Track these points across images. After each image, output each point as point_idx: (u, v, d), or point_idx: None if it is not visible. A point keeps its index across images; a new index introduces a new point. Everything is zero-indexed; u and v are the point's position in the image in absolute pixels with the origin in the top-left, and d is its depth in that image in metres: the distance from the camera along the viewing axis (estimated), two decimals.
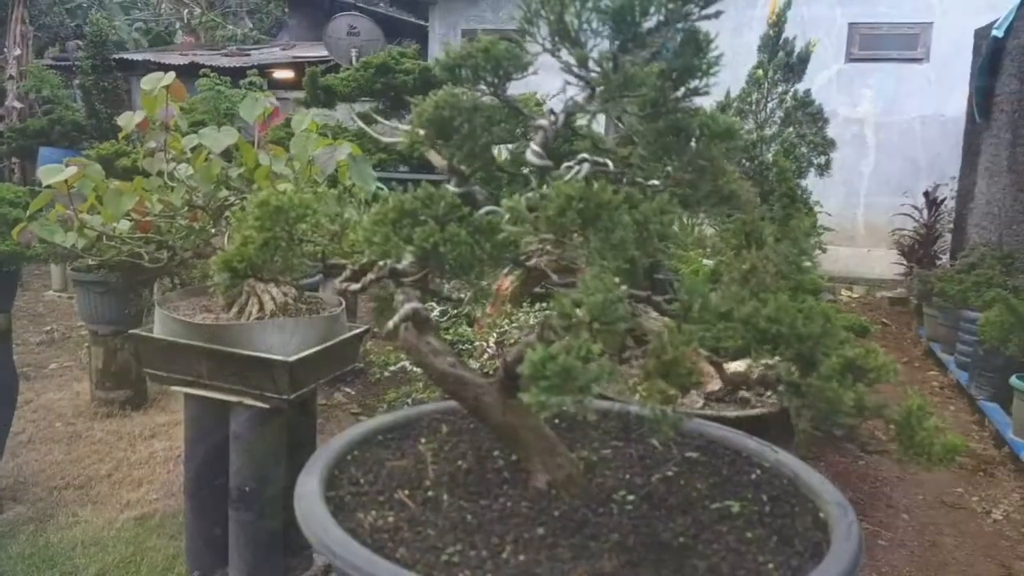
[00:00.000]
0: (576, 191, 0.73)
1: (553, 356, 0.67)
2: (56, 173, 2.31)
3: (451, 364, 0.92)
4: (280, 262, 1.01)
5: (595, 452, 1.03)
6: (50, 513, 3.13)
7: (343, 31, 9.73)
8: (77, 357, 5.12)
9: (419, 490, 0.89)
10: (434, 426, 1.08)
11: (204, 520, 2.60)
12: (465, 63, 0.87)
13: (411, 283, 0.93)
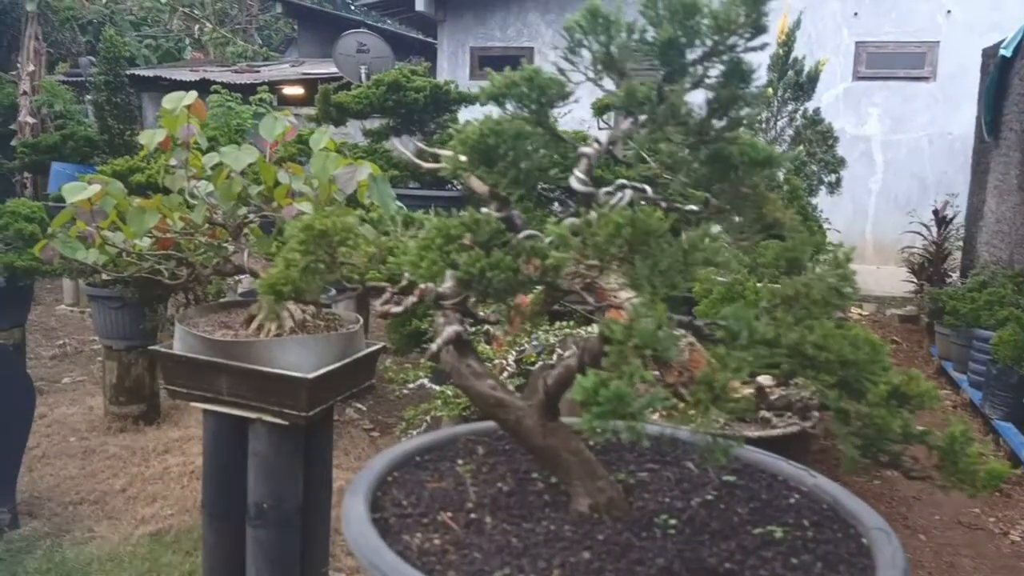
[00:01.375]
0: (624, 218, 0.74)
1: (605, 382, 0.68)
2: (79, 190, 2.34)
3: (491, 386, 0.93)
4: (320, 285, 1.03)
5: (631, 475, 1.03)
6: (66, 528, 3.14)
7: (352, 48, 9.81)
8: (90, 371, 5.14)
9: (462, 512, 0.90)
10: (470, 447, 1.09)
11: (221, 537, 2.60)
12: (510, 91, 0.89)
13: (451, 306, 0.94)
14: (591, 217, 0.80)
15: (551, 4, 9.60)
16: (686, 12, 0.75)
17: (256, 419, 2.43)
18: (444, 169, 0.92)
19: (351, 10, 16.81)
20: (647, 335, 0.68)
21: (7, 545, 2.98)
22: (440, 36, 10.16)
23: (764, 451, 1.06)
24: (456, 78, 9.02)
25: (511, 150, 0.85)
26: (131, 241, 2.65)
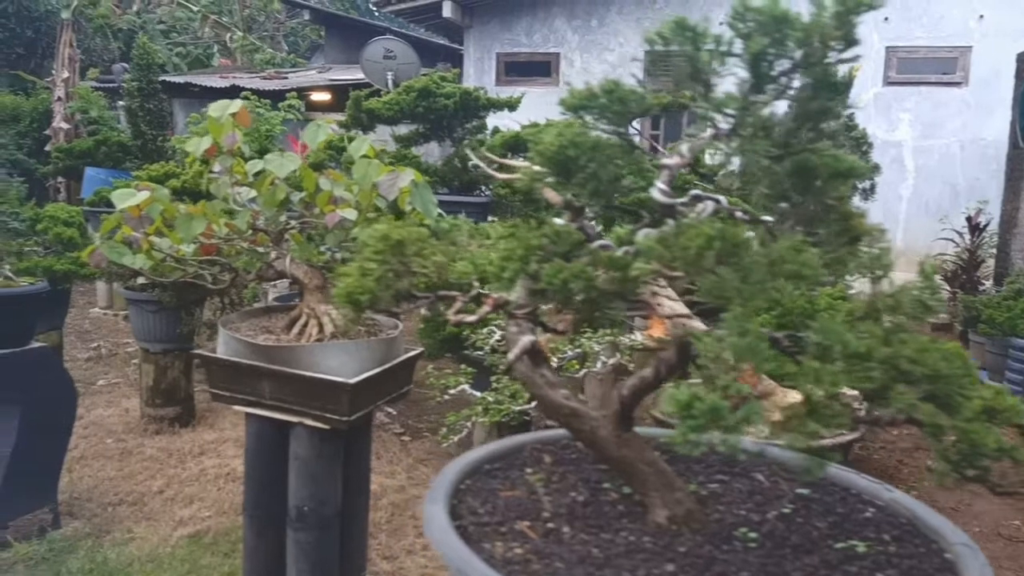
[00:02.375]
0: (715, 230, 0.74)
1: (700, 395, 0.68)
2: (128, 196, 2.38)
3: (565, 396, 0.93)
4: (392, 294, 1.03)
5: (702, 486, 1.03)
6: (106, 529, 3.18)
7: (379, 55, 9.89)
8: (124, 374, 5.21)
9: (539, 522, 0.90)
10: (536, 456, 1.09)
11: (263, 539, 2.62)
12: (592, 104, 0.89)
13: (523, 315, 0.95)
14: (676, 228, 0.80)
15: (577, 10, 9.61)
16: (777, 24, 0.75)
17: (298, 423, 2.45)
18: (520, 180, 0.92)
19: (375, 16, 16.97)
20: (743, 348, 0.68)
21: (50, 545, 3.02)
22: (466, 42, 10.21)
23: (837, 465, 1.05)
24: (482, 84, 9.06)
25: (591, 162, 0.86)
26: (175, 246, 2.69)
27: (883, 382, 0.73)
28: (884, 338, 0.74)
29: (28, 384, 2.96)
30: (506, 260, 0.83)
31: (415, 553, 3.17)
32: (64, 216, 4.52)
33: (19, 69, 12.33)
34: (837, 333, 0.73)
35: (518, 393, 2.22)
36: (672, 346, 0.89)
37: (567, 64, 9.78)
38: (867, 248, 0.83)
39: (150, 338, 4.19)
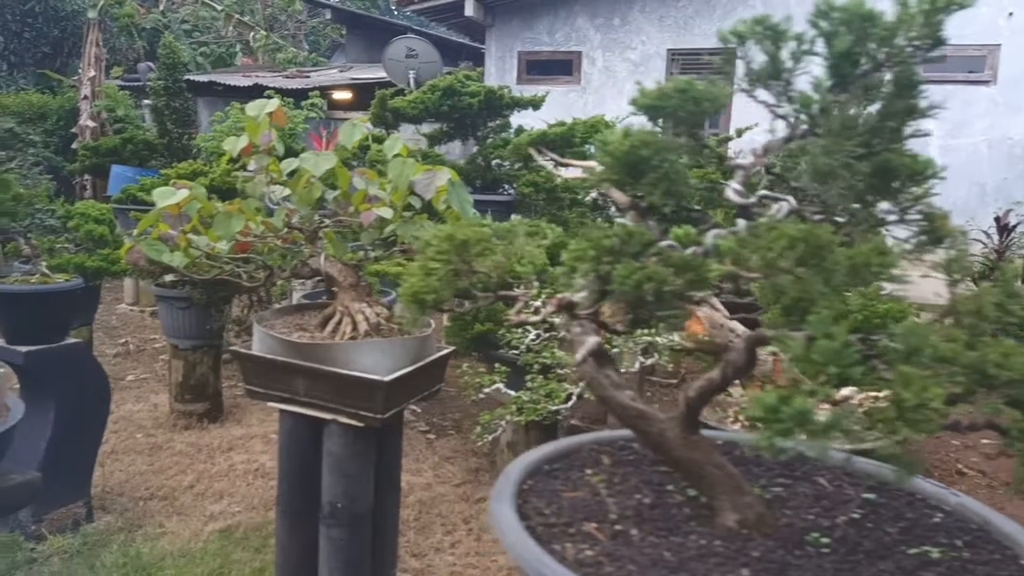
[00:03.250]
0: (799, 232, 0.73)
1: (787, 399, 0.67)
2: (169, 195, 2.39)
3: (631, 397, 0.93)
4: (451, 293, 1.03)
5: (765, 490, 1.02)
6: (137, 523, 3.21)
7: (402, 53, 9.91)
8: (152, 369, 5.27)
9: (605, 523, 0.90)
10: (594, 457, 1.08)
11: (295, 535, 2.64)
12: (666, 103, 0.89)
13: (586, 316, 0.94)
14: (754, 230, 0.79)
15: (600, 8, 9.58)
16: (862, 23, 0.74)
17: (331, 420, 2.46)
18: (588, 179, 0.92)
19: (394, 15, 17.01)
20: (829, 352, 0.67)
21: (84, 538, 3.06)
22: (488, 41, 10.21)
23: None
24: (504, 82, 9.05)
25: (664, 162, 0.85)
26: (211, 244, 2.71)
27: (967, 386, 0.72)
28: (968, 342, 0.73)
29: (64, 379, 2.99)
30: (577, 260, 0.83)
31: (443, 551, 3.17)
32: (95, 213, 4.57)
33: (45, 68, 12.49)
34: (923, 337, 0.71)
35: (554, 392, 2.22)
36: (741, 350, 0.89)
37: (589, 63, 9.75)
38: (947, 250, 0.82)
39: (179, 334, 4.22)
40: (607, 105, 9.02)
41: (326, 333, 2.56)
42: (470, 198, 2.50)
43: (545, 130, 4.64)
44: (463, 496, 3.65)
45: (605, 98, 9.49)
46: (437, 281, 0.96)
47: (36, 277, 3.06)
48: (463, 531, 3.33)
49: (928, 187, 0.84)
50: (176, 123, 7.98)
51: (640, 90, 0.91)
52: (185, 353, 4.25)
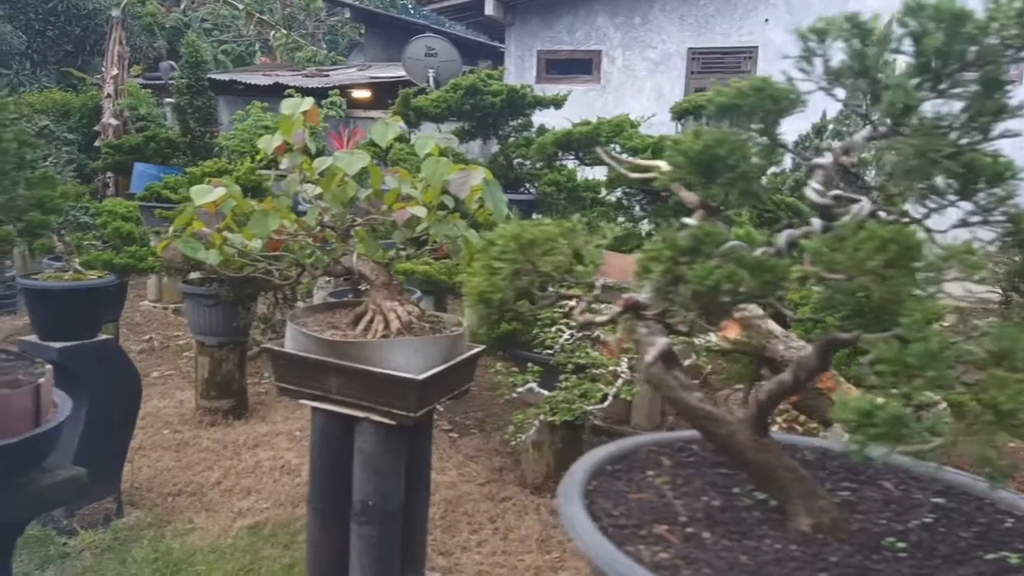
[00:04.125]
0: (889, 232, 0.72)
1: (881, 404, 0.66)
2: (206, 193, 2.41)
3: (700, 399, 0.92)
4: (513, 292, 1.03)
5: (832, 494, 1.01)
6: (167, 519, 3.23)
7: (421, 52, 9.92)
8: (177, 366, 5.30)
9: (676, 526, 0.89)
10: (654, 459, 1.08)
11: (326, 532, 2.65)
12: (743, 101, 0.88)
13: (652, 316, 0.93)
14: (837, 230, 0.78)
15: (620, 7, 9.55)
16: (953, 21, 0.73)
17: (364, 418, 2.46)
18: (658, 179, 0.91)
19: (413, 14, 17.04)
20: (927, 356, 0.66)
21: (114, 534, 3.08)
22: (507, 40, 10.21)
23: (967, 473, 1.02)
24: (523, 81, 9.05)
25: (740, 161, 0.84)
26: (245, 241, 2.72)
27: None
28: None
29: (96, 375, 3.02)
30: (652, 260, 0.82)
31: (470, 550, 3.17)
32: (122, 211, 4.61)
33: (67, 66, 12.61)
34: (1014, 337, 0.70)
35: (589, 392, 2.21)
36: (812, 352, 0.88)
37: (608, 62, 9.73)
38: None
39: (206, 331, 4.25)
40: (627, 104, 8.99)
41: (358, 331, 2.56)
42: (504, 197, 2.49)
43: (571, 129, 4.63)
44: (488, 495, 3.65)
45: (625, 97, 9.47)
46: (502, 280, 0.95)
47: (69, 274, 3.08)
48: (489, 530, 3.33)
49: (1013, 188, 0.83)
50: (199, 121, 8.04)
51: (715, 88, 0.90)
52: (211, 350, 4.27)
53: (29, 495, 1.51)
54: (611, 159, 1.36)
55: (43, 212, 1.50)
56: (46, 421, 1.50)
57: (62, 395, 1.61)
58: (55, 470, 1.59)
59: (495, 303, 0.95)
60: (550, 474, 3.70)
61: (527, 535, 3.27)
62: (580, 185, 5.20)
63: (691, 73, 9.39)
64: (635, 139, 4.41)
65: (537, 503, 3.55)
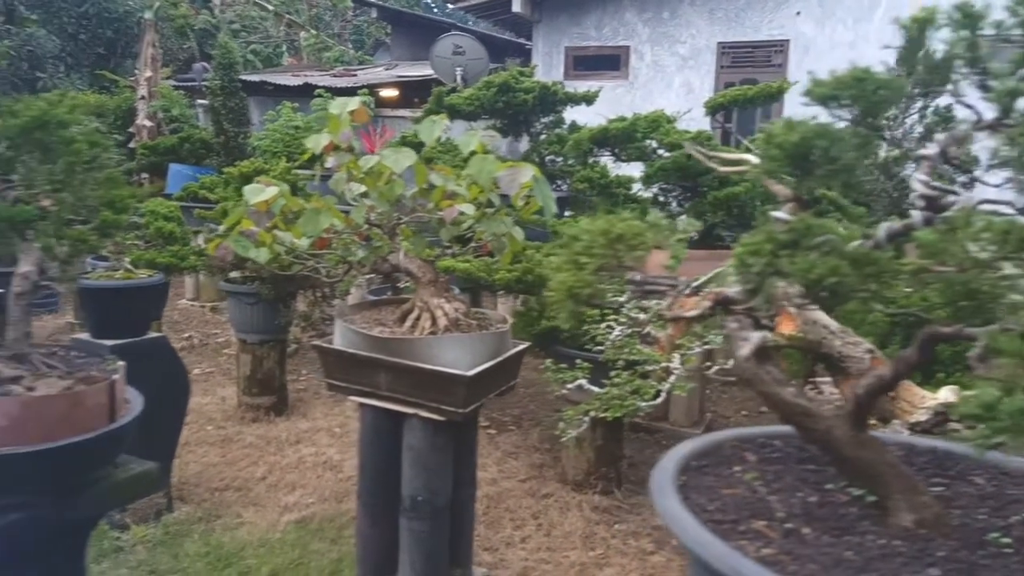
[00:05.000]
0: (1007, 224, 0.71)
1: (1003, 396, 0.65)
2: (259, 192, 2.44)
3: (794, 394, 0.91)
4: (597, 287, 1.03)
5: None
6: (216, 513, 3.28)
7: (449, 51, 9.95)
8: (217, 363, 5.38)
9: (775, 521, 0.89)
10: (738, 455, 1.07)
11: (376, 527, 2.67)
12: (844, 92, 0.87)
13: (743, 311, 0.93)
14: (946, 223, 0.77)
15: (648, 3, 9.49)
16: None
17: (412, 414, 2.48)
18: (749, 172, 0.90)
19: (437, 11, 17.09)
20: None
21: (165, 528, 3.14)
22: (535, 37, 10.19)
23: None
24: (551, 78, 9.03)
25: (842, 153, 0.83)
26: (294, 240, 2.75)
27: None
28: None
29: (147, 372, 3.06)
30: (753, 254, 0.82)
31: (514, 545, 3.19)
32: (164, 211, 4.68)
33: (100, 68, 12.83)
34: None
35: (642, 389, 2.20)
36: (913, 348, 0.87)
37: (637, 57, 9.68)
38: None
39: (247, 329, 4.31)
40: (655, 100, 8.94)
41: (405, 328, 2.58)
42: (552, 194, 2.50)
43: (606, 126, 4.62)
44: (529, 491, 3.66)
45: (653, 92, 9.41)
46: (590, 275, 0.95)
47: (120, 272, 3.14)
48: (532, 526, 3.34)
49: None
50: (232, 122, 8.14)
51: (813, 80, 0.89)
52: (253, 347, 4.33)
53: (104, 490, 1.54)
54: (699, 155, 1.35)
55: (114, 212, 1.53)
56: (120, 417, 1.53)
57: (133, 391, 1.65)
58: (127, 465, 1.62)
59: (584, 298, 0.95)
60: (591, 470, 3.70)
61: (571, 531, 3.28)
62: (613, 181, 5.19)
63: (721, 68, 9.30)
64: (672, 134, 4.39)
65: (579, 500, 3.55)
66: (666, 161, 4.31)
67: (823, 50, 8.80)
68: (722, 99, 5.20)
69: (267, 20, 13.43)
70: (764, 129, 0.87)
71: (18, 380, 1.45)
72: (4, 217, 1.48)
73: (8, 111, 1.53)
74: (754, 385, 0.93)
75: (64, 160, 1.46)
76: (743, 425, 4.67)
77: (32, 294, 1.54)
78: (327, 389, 2.64)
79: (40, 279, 1.55)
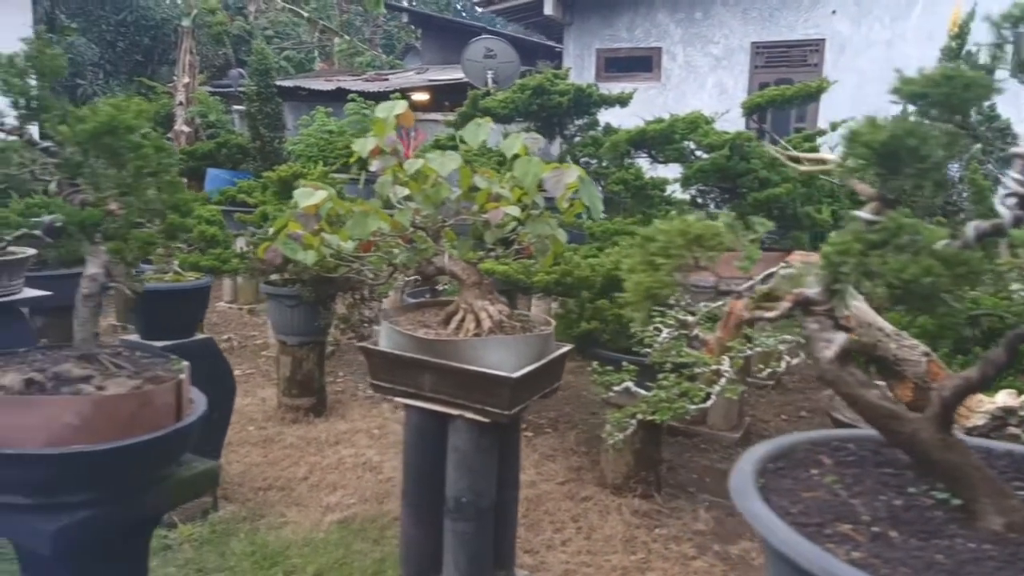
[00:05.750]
0: None
1: None
2: (309, 196, 2.47)
3: (879, 396, 0.90)
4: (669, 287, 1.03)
5: None
6: (260, 513, 3.33)
7: (480, 54, 9.99)
8: (256, 365, 5.45)
9: (861, 525, 0.88)
10: (813, 458, 1.06)
11: (420, 528, 2.69)
12: (934, 90, 0.86)
13: (823, 312, 0.92)
14: None
15: (680, 3, 9.45)
16: None
17: (457, 416, 2.49)
18: (833, 172, 0.90)
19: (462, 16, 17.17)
20: None
21: (212, 527, 3.19)
22: (566, 39, 10.19)
23: None
24: (581, 80, 9.02)
25: (932, 151, 0.82)
26: (340, 242, 2.78)
27: None
28: None
29: (196, 373, 3.12)
30: (842, 254, 0.81)
31: (555, 548, 3.18)
32: (207, 215, 4.76)
33: (138, 75, 13.10)
34: None
35: (691, 392, 2.19)
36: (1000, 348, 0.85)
37: (669, 58, 9.63)
38: None
39: (288, 331, 4.36)
40: (688, 100, 8.89)
41: (450, 330, 2.59)
42: (599, 195, 2.50)
43: (644, 127, 4.60)
44: (568, 494, 3.66)
45: (685, 94, 9.35)
46: (666, 276, 0.95)
47: (169, 275, 3.20)
48: (572, 529, 3.33)
49: None
50: (268, 127, 8.26)
51: (900, 78, 0.88)
52: (293, 349, 4.38)
53: (169, 488, 1.57)
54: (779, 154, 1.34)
55: (180, 215, 1.57)
56: (186, 416, 1.56)
57: (196, 391, 1.68)
58: (190, 463, 1.65)
59: (662, 299, 0.95)
60: (630, 474, 3.68)
61: (611, 535, 3.27)
62: (648, 183, 5.17)
63: (755, 68, 9.22)
64: (711, 135, 4.36)
65: (619, 503, 3.54)
66: (705, 162, 4.29)
67: (859, 49, 8.68)
68: (760, 99, 5.16)
69: (300, 26, 13.61)
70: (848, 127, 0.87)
71: (88, 379, 1.48)
72: (75, 220, 1.51)
73: (75, 117, 1.57)
74: (837, 387, 0.92)
75: (133, 164, 1.49)
76: (783, 429, 4.63)
77: (99, 295, 1.58)
78: (372, 390, 2.67)
79: (107, 281, 1.59)
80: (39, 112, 1.61)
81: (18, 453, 1.34)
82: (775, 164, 4.13)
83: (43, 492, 1.38)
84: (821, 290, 0.92)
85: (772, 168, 4.12)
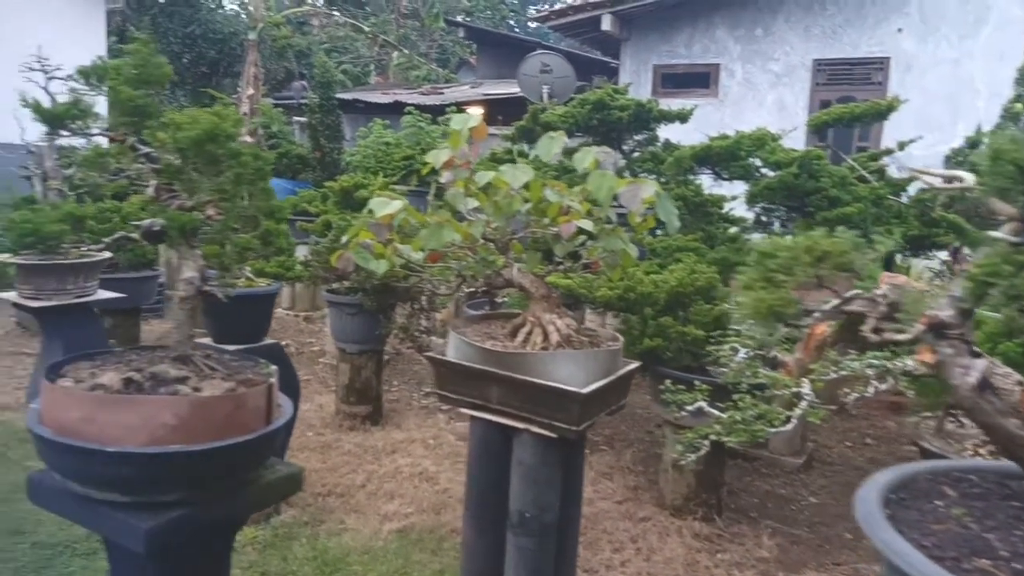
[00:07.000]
0: None
1: None
2: (384, 206, 2.49)
3: (1020, 427, 0.86)
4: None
5: None
6: (320, 519, 3.35)
7: (536, 69, 10.05)
8: (313, 371, 5.53)
9: (1000, 560, 0.84)
10: (936, 489, 1.02)
11: (483, 540, 2.67)
12: None
13: (956, 335, 0.88)
14: None
15: (742, 20, 9.35)
16: None
17: (523, 429, 2.47)
18: (972, 191, 0.86)
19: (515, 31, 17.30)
20: None
21: (274, 531, 3.22)
22: (622, 55, 10.18)
23: None
24: (638, 96, 8.99)
25: None
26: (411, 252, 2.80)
27: None
28: None
29: None
30: (992, 275, 0.77)
31: (614, 568, 3.13)
32: None
33: (203, 86, 13.52)
34: None
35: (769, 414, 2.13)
36: None
37: (727, 75, 9.53)
38: None
39: (347, 339, 4.41)
40: (746, 117, 8.78)
41: (517, 342, 2.58)
42: (675, 210, 2.47)
43: (708, 143, 4.55)
44: (626, 514, 3.60)
45: (744, 110, 9.24)
46: (788, 293, 0.92)
47: (242, 281, 3.27)
48: (631, 550, 3.27)
49: None
50: (328, 138, 8.43)
51: None
52: (352, 357, 4.43)
53: (257, 490, 1.59)
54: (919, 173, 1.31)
55: (275, 221, 1.59)
56: (275, 419, 1.57)
57: (283, 396, 1.70)
58: (275, 466, 1.67)
59: (786, 317, 0.93)
60: (690, 495, 3.60)
61: (672, 558, 3.20)
62: (707, 200, 5.10)
63: (816, 85, 9.06)
64: (778, 152, 4.29)
65: (678, 525, 3.47)
66: (772, 180, 4.21)
67: (926, 67, 8.47)
68: (826, 117, 5.06)
69: (358, 40, 13.89)
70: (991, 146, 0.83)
71: (184, 380, 1.51)
72: (176, 225, 1.55)
73: (175, 124, 1.61)
74: (974, 415, 0.88)
75: (232, 171, 1.53)
76: (848, 456, 4.48)
77: (196, 298, 1.61)
78: (438, 400, 2.67)
79: (202, 284, 1.62)
80: (142, 119, 1.66)
81: (120, 451, 1.37)
82: (845, 183, 4.03)
83: (140, 490, 1.41)
84: (954, 313, 0.88)
85: (843, 187, 4.03)
